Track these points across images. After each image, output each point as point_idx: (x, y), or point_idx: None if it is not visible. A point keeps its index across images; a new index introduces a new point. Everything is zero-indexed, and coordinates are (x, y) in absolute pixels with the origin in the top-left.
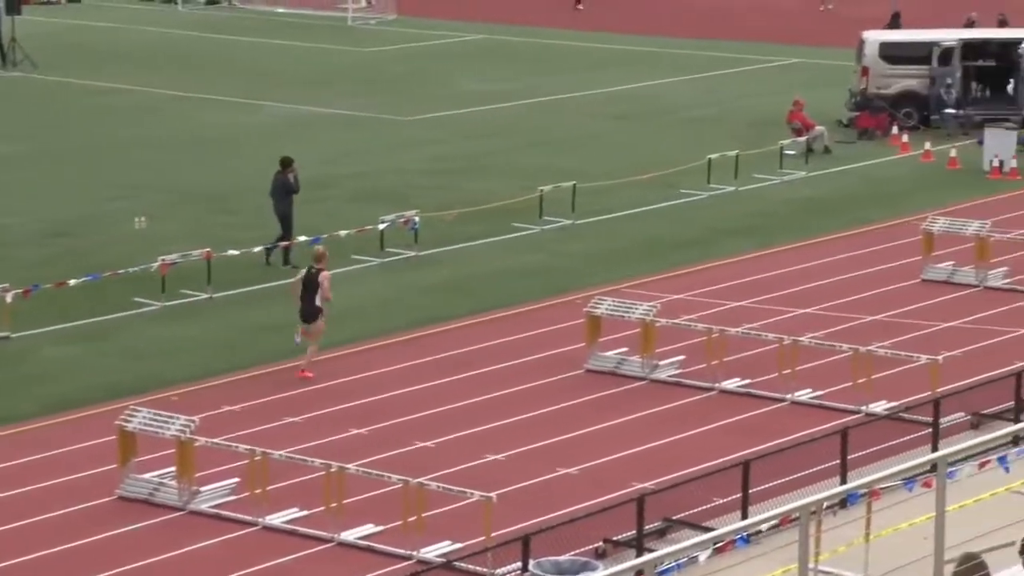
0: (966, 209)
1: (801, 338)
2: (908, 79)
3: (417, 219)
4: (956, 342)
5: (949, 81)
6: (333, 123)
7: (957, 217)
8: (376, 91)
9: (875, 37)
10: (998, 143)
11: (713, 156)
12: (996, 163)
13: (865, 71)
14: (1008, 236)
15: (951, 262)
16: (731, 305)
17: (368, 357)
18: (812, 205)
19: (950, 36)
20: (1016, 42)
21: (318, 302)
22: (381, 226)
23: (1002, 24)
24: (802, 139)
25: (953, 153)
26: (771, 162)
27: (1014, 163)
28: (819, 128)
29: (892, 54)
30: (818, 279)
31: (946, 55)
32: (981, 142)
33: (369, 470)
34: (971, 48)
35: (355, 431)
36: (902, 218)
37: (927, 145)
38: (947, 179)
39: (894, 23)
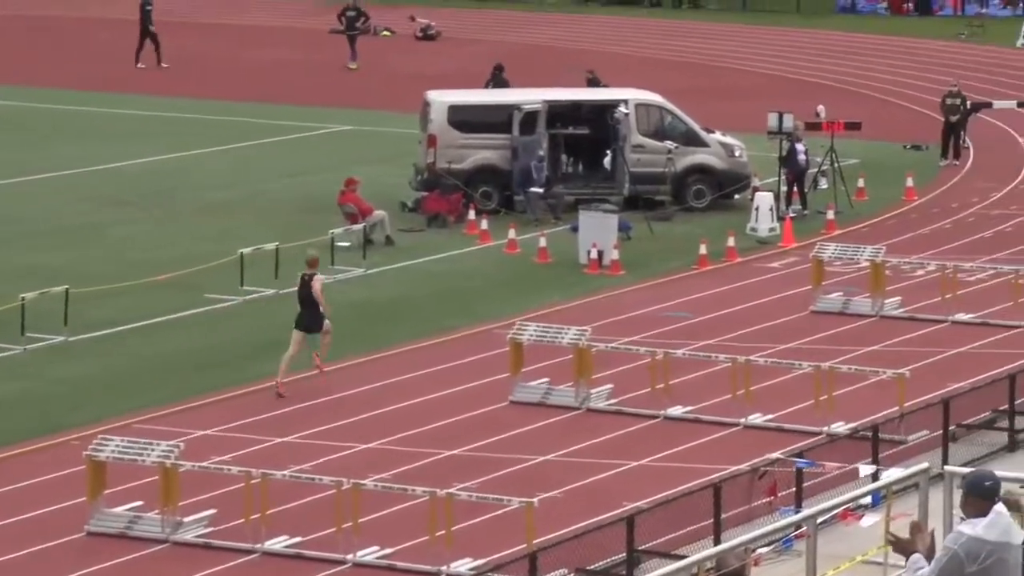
0: (561, 312)
1: (364, 482)
2: (485, 151)
3: None
4: (555, 480)
5: (541, 153)
6: None
7: (551, 323)
8: None
9: (442, 99)
10: (596, 229)
11: (247, 250)
12: (594, 254)
13: (432, 141)
14: (612, 346)
15: (546, 379)
16: (275, 441)
17: None
18: (373, 310)
19: (533, 98)
20: (611, 105)
21: (321, 309)
22: None
23: (592, 83)
24: (358, 227)
25: (543, 243)
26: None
27: (616, 254)
28: (378, 213)
29: (464, 120)
30: (384, 404)
31: (529, 121)
32: (575, 229)
33: None
34: (558, 113)
35: None
36: (485, 324)
37: (511, 233)
38: (537, 275)
39: (497, 80)
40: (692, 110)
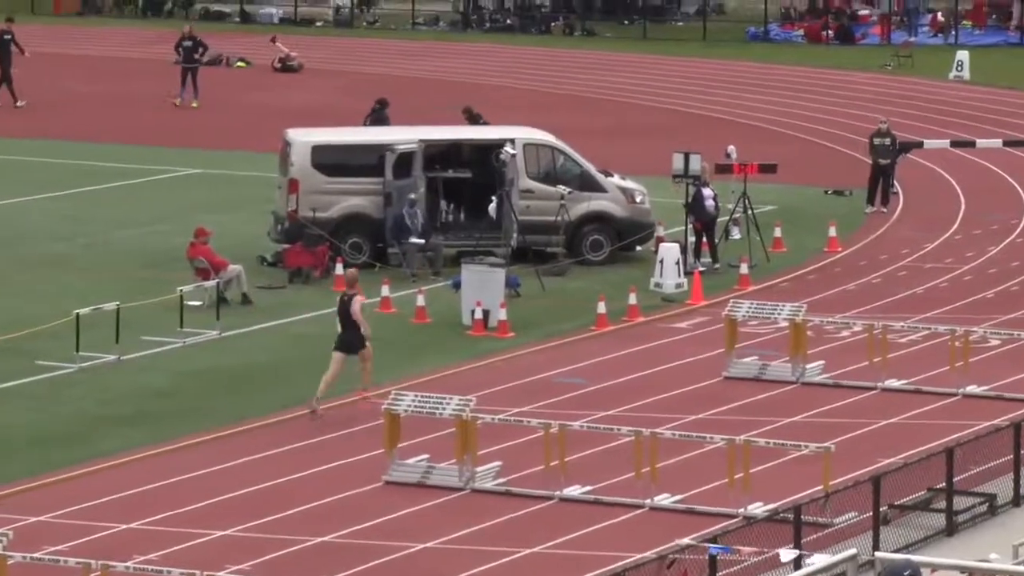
0: (442, 379)
1: (219, 574)
2: (354, 197)
3: None
4: (436, 570)
5: (414, 197)
6: None
7: (431, 392)
8: None
9: (305, 139)
10: (480, 286)
11: (84, 311)
12: (479, 314)
13: (294, 186)
14: (499, 418)
15: (425, 456)
16: (119, 528)
17: None
18: (230, 378)
19: (408, 137)
20: (496, 145)
21: (362, 330)
22: None
23: (472, 120)
24: (210, 283)
25: (420, 301)
26: (169, 318)
27: (503, 313)
28: (233, 268)
29: (330, 162)
30: (242, 485)
31: (404, 163)
32: (457, 285)
33: None
34: (437, 153)
35: None
36: (355, 394)
37: (385, 290)
38: (414, 337)
39: (378, 116)
40: (587, 151)
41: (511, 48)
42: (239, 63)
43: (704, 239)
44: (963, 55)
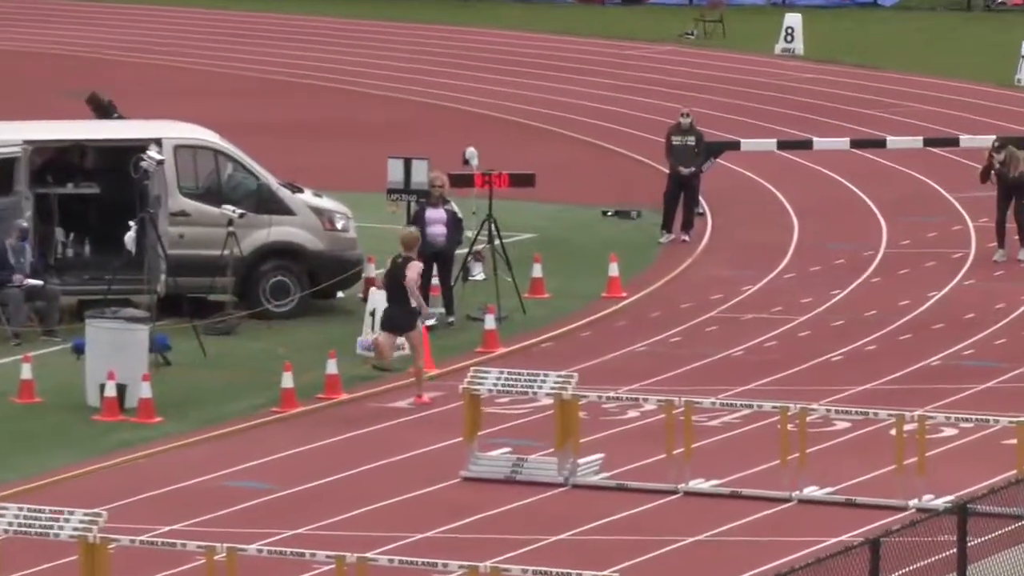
0: (58, 485)
1: None
2: None
3: None
4: None
5: (24, 225)
6: None
7: (42, 504)
8: None
9: None
10: (114, 351)
11: None
12: (111, 390)
13: None
14: (143, 540)
15: None
16: None
17: None
18: None
19: (7, 137)
20: (135, 147)
21: (413, 304)
22: None
23: (101, 112)
24: None
25: (27, 372)
26: None
27: (146, 390)
28: None
29: None
30: None
31: (2, 174)
32: (80, 349)
33: None
34: (51, 160)
35: None
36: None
37: None
38: (18, 424)
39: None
40: (267, 156)
41: (156, 9)
42: None
43: (434, 280)
44: (794, 19)
